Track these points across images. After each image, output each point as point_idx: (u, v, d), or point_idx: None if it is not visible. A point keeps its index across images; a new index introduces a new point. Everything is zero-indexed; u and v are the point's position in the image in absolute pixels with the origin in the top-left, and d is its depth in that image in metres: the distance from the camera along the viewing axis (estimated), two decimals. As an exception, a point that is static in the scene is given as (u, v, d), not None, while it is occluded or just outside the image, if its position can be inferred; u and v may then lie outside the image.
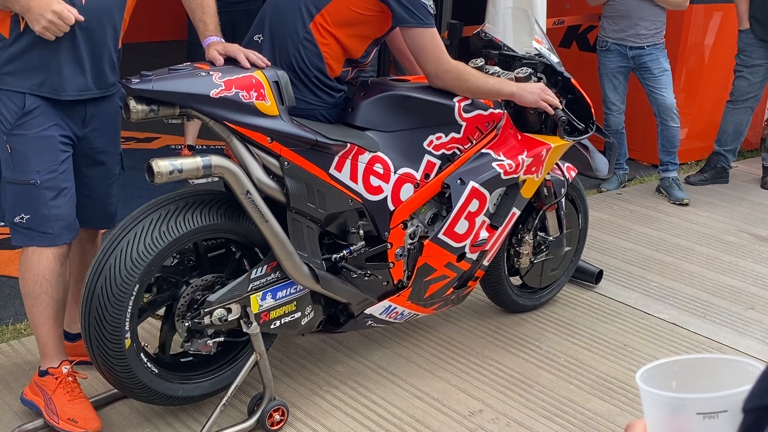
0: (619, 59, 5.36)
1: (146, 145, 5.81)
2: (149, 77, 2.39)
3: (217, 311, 2.63)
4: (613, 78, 5.41)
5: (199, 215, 2.58)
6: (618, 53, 5.35)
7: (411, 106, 2.94)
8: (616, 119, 5.47)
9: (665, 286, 4.18)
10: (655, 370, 0.94)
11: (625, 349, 3.53)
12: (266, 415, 2.79)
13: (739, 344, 3.62)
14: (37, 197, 2.62)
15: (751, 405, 0.75)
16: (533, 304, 3.80)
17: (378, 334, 3.50)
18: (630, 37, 5.27)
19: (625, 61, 5.35)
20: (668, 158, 5.53)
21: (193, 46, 4.05)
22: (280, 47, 2.81)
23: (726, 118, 5.79)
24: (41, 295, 2.68)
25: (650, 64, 5.29)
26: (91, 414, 2.72)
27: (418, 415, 2.97)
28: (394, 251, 2.98)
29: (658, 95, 5.35)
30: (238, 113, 2.50)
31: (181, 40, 4.61)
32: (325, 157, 2.72)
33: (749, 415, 0.75)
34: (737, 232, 5.00)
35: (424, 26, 2.81)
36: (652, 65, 5.29)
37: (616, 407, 3.08)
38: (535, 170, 3.27)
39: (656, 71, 5.30)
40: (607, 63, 5.41)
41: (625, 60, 5.35)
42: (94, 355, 2.56)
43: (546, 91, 3.15)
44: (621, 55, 5.34)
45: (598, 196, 5.48)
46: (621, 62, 5.37)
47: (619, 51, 5.34)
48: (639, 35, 5.25)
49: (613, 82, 5.41)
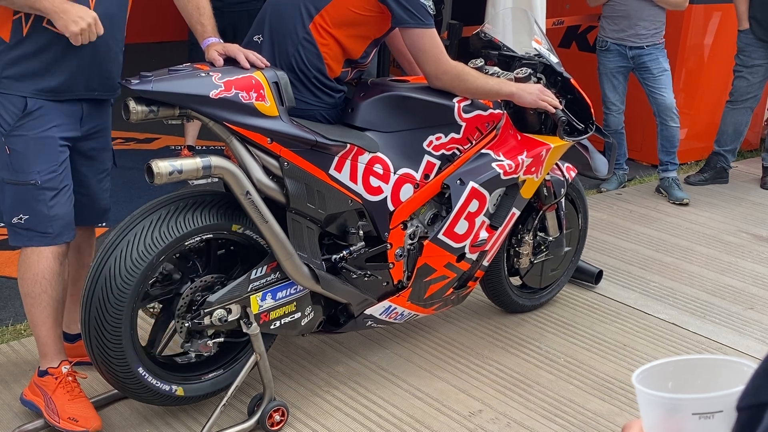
0: (618, 59, 5.37)
1: (146, 145, 5.81)
2: (149, 78, 2.40)
3: (217, 312, 2.63)
4: (613, 78, 5.42)
5: (198, 216, 2.58)
6: (618, 53, 5.35)
7: (410, 107, 2.94)
8: (615, 119, 5.48)
9: (665, 287, 4.18)
10: (651, 371, 0.94)
11: (625, 349, 3.53)
12: (266, 415, 2.79)
13: (738, 344, 3.63)
14: (37, 197, 2.62)
15: (745, 403, 0.75)
16: (533, 304, 3.80)
17: (378, 335, 3.51)
18: (630, 37, 5.27)
19: (625, 61, 5.35)
20: (668, 158, 5.53)
21: (194, 47, 4.06)
22: (279, 48, 2.81)
23: (725, 119, 5.80)
24: (41, 295, 2.68)
25: (650, 64, 5.30)
26: (91, 413, 2.72)
27: (418, 415, 2.97)
28: (394, 252, 2.98)
29: (657, 95, 5.35)
30: (237, 114, 2.50)
31: (181, 40, 4.61)
32: (324, 157, 2.72)
33: (743, 413, 0.75)
34: (737, 232, 5.00)
35: (423, 27, 2.81)
36: (652, 65, 5.30)
37: (615, 407, 3.08)
38: (535, 170, 3.27)
39: (656, 71, 5.30)
40: (607, 63, 5.41)
41: (625, 60, 5.35)
42: (94, 356, 2.56)
43: (545, 92, 3.16)
44: (621, 55, 5.35)
45: (598, 197, 5.48)
46: (621, 62, 5.37)
47: (618, 51, 5.34)
48: (639, 35, 5.25)
49: (612, 82, 5.42)
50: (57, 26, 2.46)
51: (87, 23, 2.45)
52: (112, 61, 2.73)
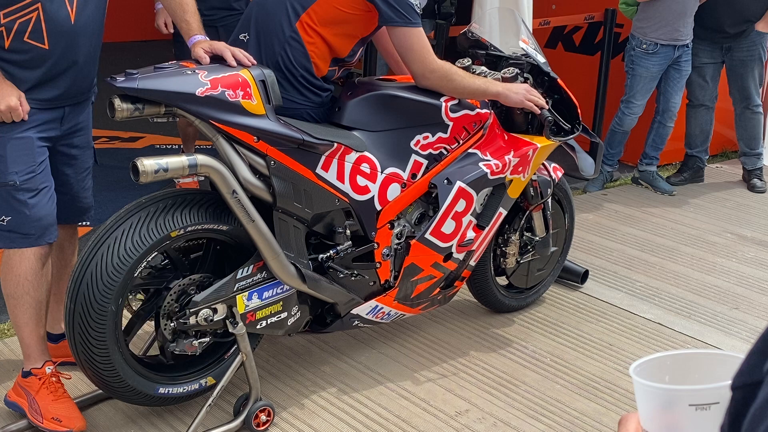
0: (663, 63, 5.29)
1: (131, 144, 5.77)
2: (134, 75, 2.38)
3: (203, 311, 2.61)
4: (650, 81, 5.34)
5: (185, 215, 2.56)
6: (664, 56, 5.25)
7: (398, 106, 2.94)
8: (632, 121, 5.46)
9: (650, 286, 4.19)
10: (648, 364, 0.95)
11: (611, 348, 3.54)
12: (252, 415, 2.78)
13: (724, 344, 3.64)
14: (16, 198, 2.60)
15: (739, 382, 0.76)
16: (519, 304, 3.80)
17: (365, 335, 3.50)
18: (683, 36, 5.21)
19: (668, 62, 5.30)
20: (654, 153, 5.63)
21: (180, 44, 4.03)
22: (266, 46, 2.80)
23: (689, 121, 5.81)
24: (24, 296, 2.66)
25: (684, 64, 5.31)
26: (75, 413, 2.70)
27: (405, 415, 2.97)
28: (381, 251, 2.97)
29: (672, 95, 5.40)
30: (224, 112, 2.49)
31: (166, 39, 4.59)
32: (311, 156, 2.71)
33: (737, 392, 0.76)
34: (722, 233, 5.03)
35: (410, 26, 2.81)
36: (685, 66, 5.31)
37: (601, 407, 3.09)
38: (522, 170, 3.27)
39: (684, 72, 5.34)
40: (651, 67, 5.29)
41: (668, 62, 5.29)
42: (79, 357, 2.54)
43: (531, 92, 3.16)
44: (667, 57, 5.27)
45: (584, 197, 5.50)
46: (664, 65, 5.31)
47: (666, 53, 5.24)
48: (689, 32, 5.23)
49: (648, 85, 5.35)
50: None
51: (7, 106, 2.52)
52: (92, 65, 2.75)
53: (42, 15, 2.53)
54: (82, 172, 2.88)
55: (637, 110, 5.44)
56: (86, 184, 2.91)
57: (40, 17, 2.53)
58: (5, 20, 2.52)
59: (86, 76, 2.72)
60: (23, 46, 2.55)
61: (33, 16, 2.52)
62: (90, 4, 2.64)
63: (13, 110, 2.54)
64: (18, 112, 2.55)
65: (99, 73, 2.82)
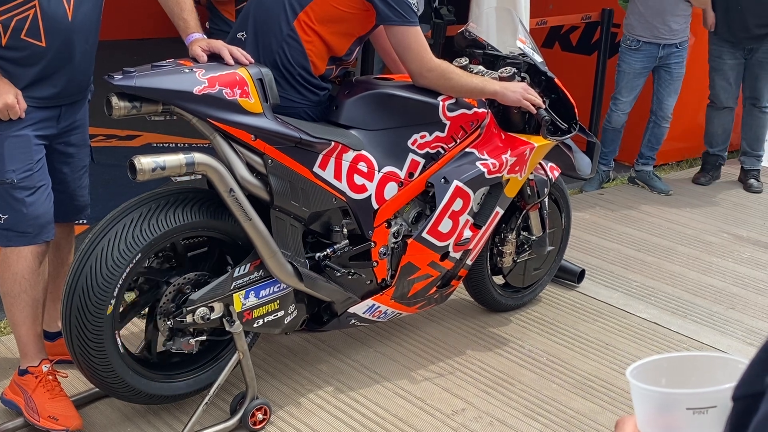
0: (646, 60, 5.32)
1: (127, 142, 5.76)
2: (132, 73, 2.38)
3: (200, 310, 2.61)
4: (634, 78, 5.38)
5: (180, 213, 2.56)
6: (648, 53, 5.30)
7: (395, 105, 2.94)
8: (620, 118, 5.48)
9: (647, 286, 4.20)
10: (645, 366, 0.94)
11: (607, 348, 3.54)
12: (249, 414, 2.78)
13: (720, 343, 3.65)
14: (14, 196, 2.60)
15: (741, 392, 0.76)
16: (516, 303, 3.80)
17: (361, 333, 3.50)
18: (664, 33, 5.23)
19: (653, 61, 5.32)
20: (650, 153, 5.66)
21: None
22: (263, 45, 2.80)
23: (712, 121, 5.86)
24: (20, 295, 2.66)
25: (674, 66, 5.33)
26: (71, 412, 2.70)
27: (401, 414, 2.97)
28: (378, 250, 2.97)
29: (665, 97, 5.42)
30: (221, 110, 2.49)
31: (164, 37, 4.57)
32: (309, 155, 2.71)
33: (738, 403, 0.76)
34: (718, 233, 5.04)
35: (408, 24, 2.81)
36: (675, 67, 5.33)
37: (597, 406, 3.09)
38: (519, 169, 3.27)
39: (675, 74, 5.35)
40: (633, 63, 5.35)
41: (653, 60, 5.32)
42: (76, 355, 2.53)
43: (528, 91, 3.16)
44: (650, 55, 5.30)
45: (580, 196, 5.50)
46: (648, 63, 5.34)
47: (649, 51, 5.29)
48: (673, 31, 5.24)
49: (632, 82, 5.38)
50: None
51: (4, 103, 2.51)
52: (89, 63, 2.75)
53: (39, 12, 2.53)
54: (78, 170, 2.87)
55: (624, 107, 5.46)
56: (83, 182, 2.91)
57: (38, 15, 2.53)
58: (2, 17, 2.51)
59: (83, 74, 2.72)
60: (20, 43, 2.55)
61: (30, 14, 2.52)
62: (87, 2, 2.63)
63: (10, 108, 2.53)
64: (15, 110, 2.55)
65: (96, 70, 2.82)
